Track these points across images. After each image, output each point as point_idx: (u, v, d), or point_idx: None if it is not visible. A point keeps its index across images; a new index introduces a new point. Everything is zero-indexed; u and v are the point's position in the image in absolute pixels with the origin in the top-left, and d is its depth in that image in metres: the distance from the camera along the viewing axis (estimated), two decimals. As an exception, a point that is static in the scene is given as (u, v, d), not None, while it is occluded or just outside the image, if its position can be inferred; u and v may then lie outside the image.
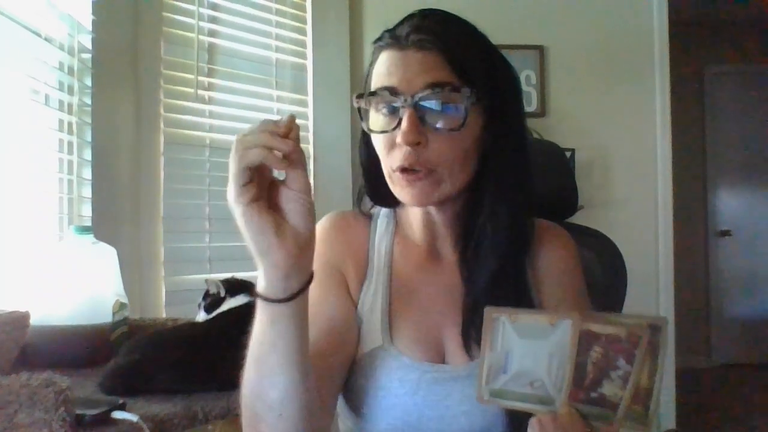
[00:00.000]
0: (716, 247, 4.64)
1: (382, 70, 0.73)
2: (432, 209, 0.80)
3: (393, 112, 0.72)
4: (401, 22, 0.75)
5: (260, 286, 0.60)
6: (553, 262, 0.84)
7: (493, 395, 0.61)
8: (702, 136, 4.63)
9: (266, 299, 0.60)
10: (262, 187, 0.57)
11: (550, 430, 0.58)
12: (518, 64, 0.79)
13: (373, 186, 0.83)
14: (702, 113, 4.64)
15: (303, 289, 0.60)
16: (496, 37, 0.79)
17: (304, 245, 0.58)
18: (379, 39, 0.76)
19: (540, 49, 2.60)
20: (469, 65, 0.72)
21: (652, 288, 2.63)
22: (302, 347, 0.62)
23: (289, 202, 0.58)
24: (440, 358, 0.78)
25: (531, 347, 0.59)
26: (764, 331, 4.55)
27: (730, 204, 4.66)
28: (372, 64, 0.77)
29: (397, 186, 0.75)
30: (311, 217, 0.59)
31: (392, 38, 0.74)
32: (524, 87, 2.57)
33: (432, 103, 0.70)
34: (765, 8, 4.09)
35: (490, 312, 0.62)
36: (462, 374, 0.75)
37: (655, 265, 2.63)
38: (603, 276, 1.14)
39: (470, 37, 0.76)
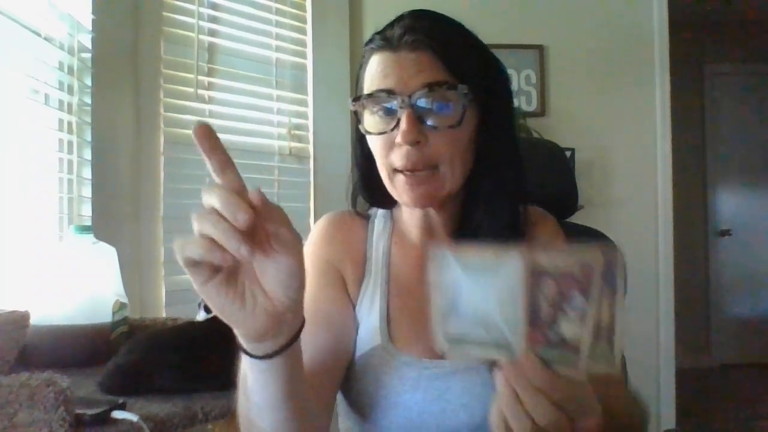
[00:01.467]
0: (716, 247, 4.64)
1: (377, 72, 0.74)
2: (431, 210, 0.81)
3: (389, 113, 0.73)
4: (391, 24, 0.76)
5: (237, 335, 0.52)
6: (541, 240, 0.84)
7: (450, 342, 0.56)
8: (702, 136, 4.63)
9: (242, 350, 0.53)
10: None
11: (514, 382, 0.53)
12: (518, 64, 0.79)
13: (369, 188, 0.83)
14: (702, 113, 4.64)
15: (284, 350, 0.52)
16: (496, 37, 0.79)
17: (283, 313, 0.49)
18: (370, 41, 0.77)
19: (540, 49, 2.60)
20: (462, 63, 0.73)
21: (652, 288, 2.63)
22: (290, 392, 0.56)
23: (267, 265, 0.48)
24: (438, 354, 0.78)
25: (478, 283, 0.54)
26: (764, 331, 4.54)
27: (730, 204, 4.66)
28: (363, 66, 0.78)
29: (399, 188, 0.75)
30: (295, 283, 0.48)
31: (384, 40, 0.74)
32: (524, 87, 2.57)
33: (429, 103, 0.71)
34: (765, 8, 4.09)
35: (433, 250, 0.55)
36: (460, 368, 0.75)
37: (655, 265, 2.63)
38: (603, 276, 1.14)
39: (461, 35, 0.77)
